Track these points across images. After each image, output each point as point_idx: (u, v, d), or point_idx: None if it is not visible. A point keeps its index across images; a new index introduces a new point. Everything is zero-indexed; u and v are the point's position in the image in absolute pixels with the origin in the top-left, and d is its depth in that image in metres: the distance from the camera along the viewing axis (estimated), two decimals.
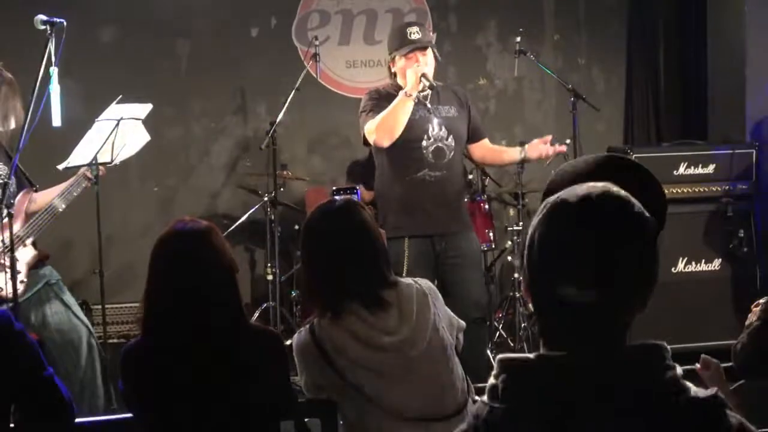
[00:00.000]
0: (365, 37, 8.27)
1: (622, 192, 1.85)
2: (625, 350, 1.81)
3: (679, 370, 1.79)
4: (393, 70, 5.66)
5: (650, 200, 1.92)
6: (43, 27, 4.80)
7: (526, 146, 5.86)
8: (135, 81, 7.41)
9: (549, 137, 5.85)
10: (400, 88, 5.51)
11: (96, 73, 7.51)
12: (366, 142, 5.61)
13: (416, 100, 5.43)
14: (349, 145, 8.20)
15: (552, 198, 1.88)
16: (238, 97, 8.14)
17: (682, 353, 2.49)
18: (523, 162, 6.14)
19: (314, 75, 7.54)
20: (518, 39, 6.92)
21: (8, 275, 4.79)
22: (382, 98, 5.55)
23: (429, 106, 5.52)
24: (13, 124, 5.24)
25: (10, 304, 4.71)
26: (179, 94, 7.99)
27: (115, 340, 7.12)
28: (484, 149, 5.95)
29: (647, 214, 1.85)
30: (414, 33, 5.51)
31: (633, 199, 1.85)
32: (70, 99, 5.10)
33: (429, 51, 5.57)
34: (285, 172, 7.38)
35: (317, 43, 7.44)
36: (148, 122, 5.74)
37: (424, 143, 5.49)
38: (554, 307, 1.84)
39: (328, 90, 8.19)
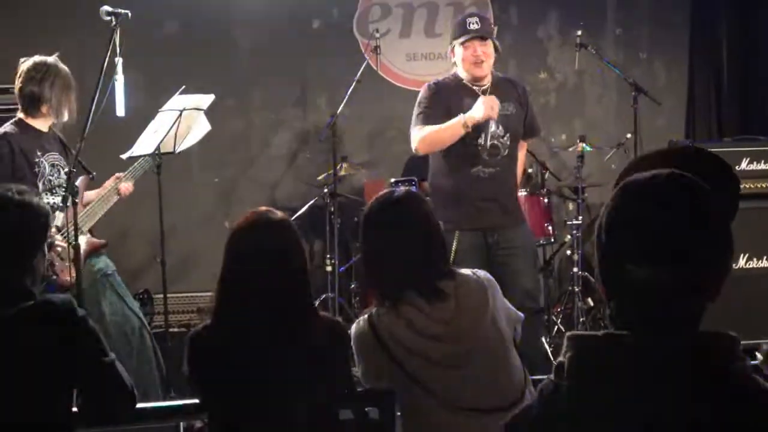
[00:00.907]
0: (426, 30, 8.27)
1: (692, 178, 1.86)
2: (694, 336, 1.81)
3: (749, 362, 1.78)
4: (453, 60, 5.65)
5: (723, 187, 1.92)
6: (107, 18, 4.87)
7: None
8: (197, 72, 7.48)
9: None
10: (460, 81, 5.52)
11: (159, 64, 7.60)
12: None
13: (469, 130, 5.39)
14: (408, 138, 8.20)
15: (621, 183, 1.89)
16: (299, 89, 8.18)
17: (743, 349, 2.48)
18: None
19: (374, 67, 7.56)
20: (579, 32, 6.89)
21: (65, 263, 4.87)
22: (440, 96, 5.55)
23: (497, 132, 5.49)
24: (66, 117, 5.32)
25: (74, 292, 4.77)
26: (240, 85, 8.06)
27: (176, 329, 7.18)
28: (523, 150, 5.91)
29: (714, 195, 1.85)
30: (473, 23, 5.50)
31: (703, 183, 1.85)
32: (134, 89, 5.17)
33: (489, 43, 5.55)
34: (344, 164, 7.41)
35: (378, 35, 7.46)
36: (210, 113, 5.80)
37: (480, 140, 5.47)
38: (624, 288, 1.84)
39: (388, 82, 8.20)
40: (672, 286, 1.79)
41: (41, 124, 5.33)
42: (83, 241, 5.27)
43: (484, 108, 5.34)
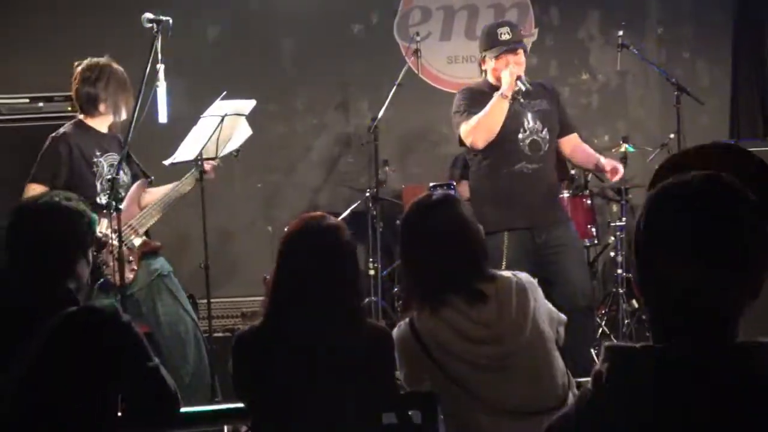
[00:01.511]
0: (466, 33, 8.27)
1: (730, 177, 1.83)
2: (732, 345, 1.78)
3: None
4: (483, 68, 5.65)
5: (761, 186, 1.89)
6: (149, 25, 4.92)
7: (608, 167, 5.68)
8: (239, 78, 7.52)
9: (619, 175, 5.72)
10: (491, 86, 5.52)
11: (201, 70, 7.64)
12: (461, 143, 5.60)
13: (511, 101, 5.40)
14: (449, 141, 8.18)
15: (658, 185, 1.87)
16: (340, 94, 8.20)
17: None
18: (598, 172, 6.05)
19: (415, 71, 7.56)
20: (621, 33, 6.85)
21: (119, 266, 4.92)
22: (475, 98, 5.54)
23: (522, 100, 5.48)
24: (124, 115, 5.40)
25: (119, 296, 4.82)
26: (282, 90, 8.09)
27: (220, 334, 7.21)
28: (573, 144, 5.83)
29: (753, 197, 1.81)
30: (504, 34, 5.48)
31: (741, 185, 1.82)
32: (176, 96, 5.20)
33: (520, 51, 5.54)
34: (386, 168, 7.41)
35: (418, 38, 7.47)
36: (252, 119, 5.82)
37: (520, 136, 5.47)
38: (662, 293, 1.81)
39: (429, 85, 8.21)
40: (710, 291, 1.76)
41: (100, 125, 5.43)
42: (138, 242, 5.34)
43: (508, 74, 5.36)
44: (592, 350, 6.06)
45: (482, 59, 5.63)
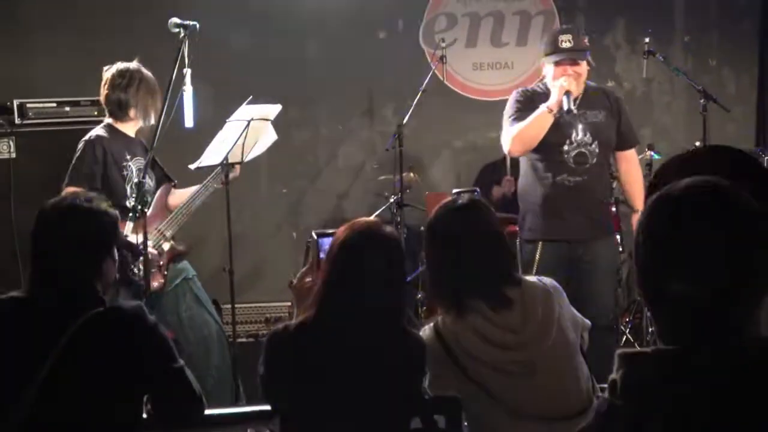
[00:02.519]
0: (492, 40, 8.26)
1: (729, 185, 1.81)
2: (745, 344, 1.76)
3: None
4: (543, 72, 5.61)
5: (763, 189, 1.88)
6: (176, 30, 4.95)
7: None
8: (265, 83, 7.52)
9: None
10: (548, 90, 5.47)
11: (227, 75, 7.66)
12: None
13: (557, 116, 5.34)
14: (475, 148, 8.22)
15: (656, 194, 1.85)
16: (366, 100, 8.21)
17: None
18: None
19: (441, 77, 7.56)
20: (647, 40, 6.83)
21: (151, 269, 4.96)
22: (528, 102, 5.50)
23: (575, 111, 5.38)
24: (153, 119, 5.44)
25: (144, 299, 4.84)
26: (308, 96, 8.10)
27: (243, 339, 7.23)
28: (629, 163, 5.78)
29: (755, 205, 1.80)
30: (566, 41, 5.41)
31: (742, 192, 1.80)
32: (202, 100, 5.22)
33: (582, 62, 5.47)
34: (411, 174, 7.41)
35: (444, 45, 7.47)
36: (277, 124, 5.84)
37: (565, 147, 5.42)
38: (665, 305, 1.81)
39: (455, 92, 8.20)
40: (713, 301, 1.75)
41: (129, 129, 5.52)
42: (167, 246, 5.38)
43: (558, 87, 5.32)
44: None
45: (542, 63, 5.60)
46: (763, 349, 1.75)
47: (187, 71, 4.91)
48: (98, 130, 5.42)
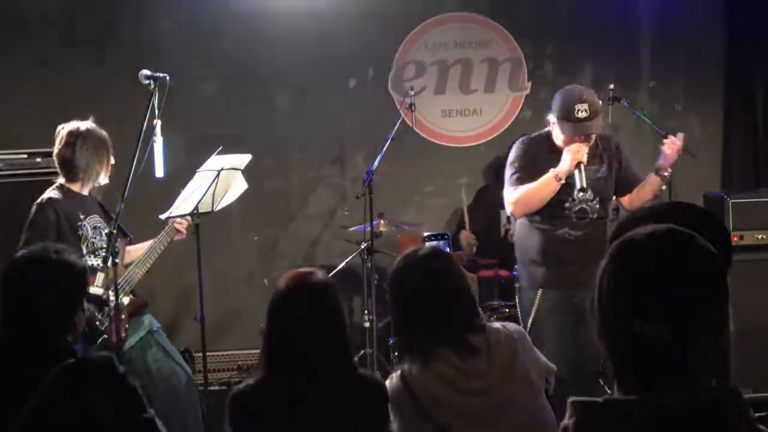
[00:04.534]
0: (461, 87, 8.34)
1: (688, 232, 1.88)
2: (698, 393, 1.80)
3: (753, 414, 1.79)
4: (551, 124, 5.51)
5: (715, 238, 1.93)
6: (146, 82, 4.98)
7: (659, 160, 5.69)
8: (235, 132, 7.58)
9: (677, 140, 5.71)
10: (553, 145, 5.45)
11: (198, 124, 7.71)
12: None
13: (563, 183, 5.33)
14: (445, 193, 8.27)
15: (620, 239, 1.91)
16: (337, 147, 8.25)
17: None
18: (664, 176, 5.74)
19: (410, 124, 7.62)
20: (611, 86, 6.91)
21: (112, 323, 4.94)
22: (531, 156, 5.48)
23: (589, 193, 5.38)
24: (102, 180, 5.44)
25: (115, 352, 4.83)
26: (279, 145, 8.15)
27: (216, 387, 7.22)
28: (632, 196, 5.75)
29: (713, 249, 1.86)
30: (582, 111, 5.30)
31: (697, 236, 1.87)
32: (173, 150, 5.25)
33: (593, 136, 5.42)
34: (381, 220, 7.45)
35: (413, 93, 7.54)
36: (249, 172, 5.88)
37: (567, 204, 5.44)
38: (624, 347, 1.85)
39: (424, 139, 8.27)
40: (673, 343, 1.79)
41: (81, 188, 5.45)
42: (126, 301, 5.34)
43: (570, 156, 5.26)
44: None
45: (552, 121, 5.49)
46: (712, 400, 1.80)
47: (158, 122, 4.94)
48: (50, 192, 5.38)
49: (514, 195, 5.45)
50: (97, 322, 5.07)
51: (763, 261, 6.65)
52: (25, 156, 6.49)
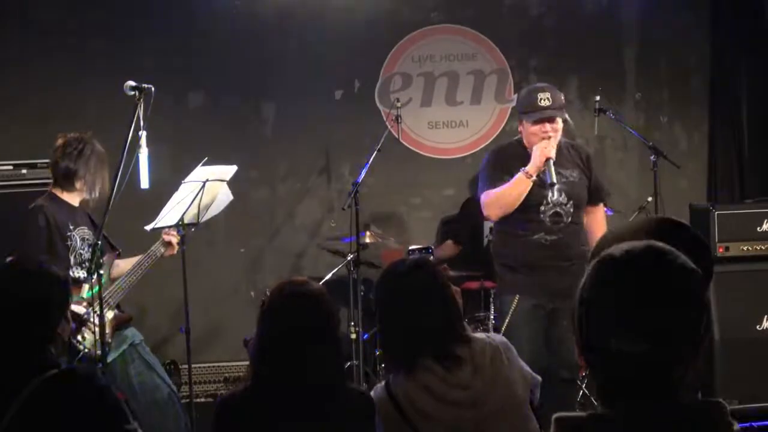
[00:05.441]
0: (447, 99, 8.35)
1: (665, 245, 1.88)
2: (682, 406, 1.81)
3: (736, 426, 1.79)
4: (520, 129, 5.62)
5: (696, 254, 1.93)
6: (131, 93, 4.95)
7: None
8: (221, 143, 7.59)
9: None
10: (524, 149, 5.50)
11: (183, 135, 7.71)
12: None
13: (536, 181, 5.37)
14: (431, 205, 8.28)
15: (599, 257, 1.91)
16: (323, 159, 8.26)
17: None
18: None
19: (396, 136, 7.63)
20: (597, 98, 6.94)
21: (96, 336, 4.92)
22: (503, 162, 5.53)
23: (557, 184, 5.41)
24: (98, 193, 5.43)
25: (99, 364, 4.81)
26: (265, 156, 8.15)
27: (202, 400, 7.21)
28: (592, 218, 5.76)
29: (692, 265, 1.86)
30: (544, 99, 5.41)
31: (676, 251, 1.87)
32: (158, 161, 5.23)
33: (558, 119, 5.48)
34: (367, 232, 7.44)
35: (399, 104, 7.55)
36: (235, 184, 5.87)
37: (542, 208, 5.45)
38: (606, 363, 1.85)
39: (410, 150, 8.28)
40: (654, 359, 1.80)
41: (73, 199, 5.46)
42: (111, 315, 5.31)
43: (539, 152, 5.32)
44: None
45: (519, 120, 5.61)
46: (695, 414, 1.80)
47: (143, 133, 4.92)
48: (41, 200, 5.39)
49: (488, 196, 5.49)
50: (75, 341, 5.04)
51: (748, 272, 6.65)
52: (11, 167, 6.47)
